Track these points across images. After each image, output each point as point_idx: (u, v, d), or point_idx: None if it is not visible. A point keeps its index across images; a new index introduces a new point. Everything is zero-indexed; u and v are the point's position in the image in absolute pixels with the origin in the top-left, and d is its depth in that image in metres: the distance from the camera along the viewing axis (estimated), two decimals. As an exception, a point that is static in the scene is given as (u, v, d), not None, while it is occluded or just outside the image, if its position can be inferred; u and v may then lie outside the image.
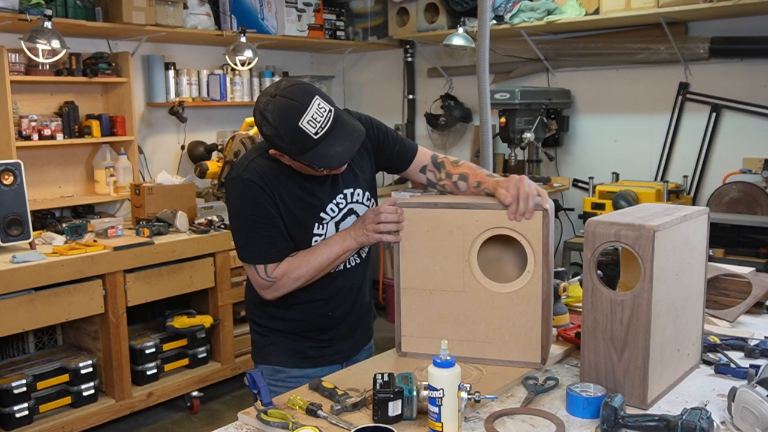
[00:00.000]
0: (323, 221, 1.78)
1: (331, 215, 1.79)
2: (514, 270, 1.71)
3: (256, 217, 1.72)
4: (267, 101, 1.60)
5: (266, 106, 1.60)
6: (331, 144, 1.61)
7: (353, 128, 1.66)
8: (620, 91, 4.53)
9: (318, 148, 1.60)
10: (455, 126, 5.22)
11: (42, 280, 3.08)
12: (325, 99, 1.62)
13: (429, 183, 1.92)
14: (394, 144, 1.90)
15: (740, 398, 1.33)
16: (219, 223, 3.88)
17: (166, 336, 3.72)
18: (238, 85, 4.95)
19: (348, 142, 1.64)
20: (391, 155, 1.90)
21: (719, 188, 4.06)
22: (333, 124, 1.61)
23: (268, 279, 1.75)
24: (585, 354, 1.51)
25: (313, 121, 1.58)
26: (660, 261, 1.41)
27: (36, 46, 3.51)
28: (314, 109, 1.58)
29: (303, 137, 1.58)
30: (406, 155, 1.91)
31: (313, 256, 1.75)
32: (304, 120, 1.57)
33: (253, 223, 1.73)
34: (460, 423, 1.33)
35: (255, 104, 1.65)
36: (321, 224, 1.78)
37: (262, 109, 1.61)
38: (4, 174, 3.15)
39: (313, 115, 1.58)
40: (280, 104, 1.58)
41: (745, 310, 2.01)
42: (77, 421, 3.31)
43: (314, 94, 1.60)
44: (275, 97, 1.59)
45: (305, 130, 1.57)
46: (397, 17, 5.09)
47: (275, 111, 1.58)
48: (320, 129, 1.59)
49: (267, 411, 1.42)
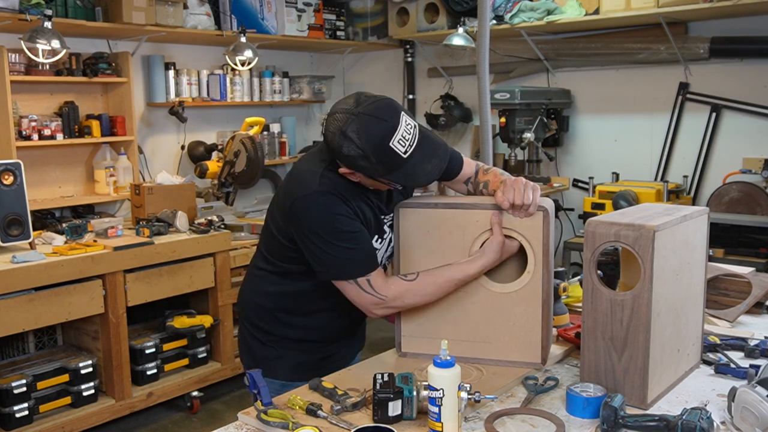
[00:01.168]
0: (384, 235, 1.75)
1: (387, 231, 1.76)
2: (514, 270, 1.71)
3: (346, 229, 1.61)
4: (348, 119, 1.49)
5: (348, 124, 1.49)
6: (419, 162, 1.54)
7: (437, 143, 1.59)
8: (620, 91, 4.53)
9: (406, 167, 1.52)
10: (455, 126, 5.21)
11: (42, 280, 3.08)
12: (408, 114, 1.54)
13: (468, 193, 1.89)
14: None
15: (740, 398, 1.33)
16: (219, 223, 3.89)
17: (166, 336, 3.72)
18: (238, 85, 4.95)
19: (436, 159, 1.57)
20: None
21: (719, 188, 4.06)
22: (420, 140, 1.53)
23: (376, 295, 1.63)
24: (585, 354, 1.51)
25: (402, 140, 1.50)
26: (660, 261, 1.41)
27: (36, 46, 3.51)
28: (403, 127, 1.50)
29: (393, 158, 1.49)
30: (453, 168, 1.85)
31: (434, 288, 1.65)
32: (394, 140, 1.48)
33: (343, 234, 1.61)
34: (460, 423, 1.33)
35: (330, 124, 1.53)
36: (382, 239, 1.74)
37: (343, 128, 1.49)
38: (4, 174, 3.15)
39: (403, 134, 1.50)
40: (366, 123, 1.48)
41: (745, 310, 2.01)
42: (77, 421, 3.31)
43: (400, 111, 1.52)
44: (359, 116, 1.48)
45: (395, 149, 1.49)
46: (397, 17, 5.09)
47: (362, 131, 1.48)
48: (409, 147, 1.51)
49: (267, 411, 1.42)
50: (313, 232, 1.62)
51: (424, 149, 1.54)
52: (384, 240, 1.76)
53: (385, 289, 1.63)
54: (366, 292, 1.63)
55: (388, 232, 1.76)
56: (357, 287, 1.63)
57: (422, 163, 1.54)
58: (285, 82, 5.34)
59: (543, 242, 1.62)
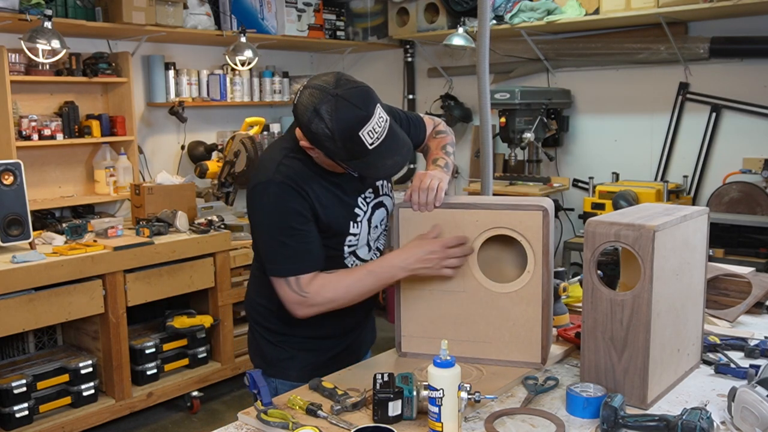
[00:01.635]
0: (357, 218, 1.72)
1: (363, 209, 1.74)
2: (514, 270, 1.71)
3: (292, 224, 1.61)
4: (324, 97, 1.48)
5: (322, 102, 1.47)
6: (382, 156, 1.53)
7: (403, 142, 1.59)
8: (620, 91, 4.53)
9: (368, 158, 1.52)
10: (455, 126, 5.21)
11: (42, 280, 3.08)
12: (383, 106, 1.55)
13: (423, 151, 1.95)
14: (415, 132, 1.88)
15: (740, 398, 1.33)
16: (219, 223, 3.89)
17: (166, 336, 3.72)
18: (238, 85, 4.95)
19: (398, 156, 1.56)
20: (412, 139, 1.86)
21: (719, 188, 4.06)
22: (387, 135, 1.53)
23: (300, 293, 1.62)
24: (585, 354, 1.51)
25: (372, 132, 1.49)
26: (660, 261, 1.41)
27: (36, 46, 3.51)
28: (376, 119, 1.50)
29: (359, 146, 1.49)
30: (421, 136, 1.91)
31: (354, 280, 1.65)
32: (365, 130, 1.48)
33: (287, 230, 1.61)
34: (460, 423, 1.33)
35: (303, 96, 1.51)
36: (356, 223, 1.72)
37: (317, 105, 1.48)
38: (4, 174, 3.15)
39: (374, 126, 1.49)
40: (341, 106, 1.47)
41: (745, 310, 2.01)
42: (77, 421, 3.31)
43: (376, 102, 1.52)
44: (336, 97, 1.47)
45: (363, 139, 1.48)
46: (397, 17, 5.09)
47: (335, 113, 1.47)
48: (376, 140, 1.50)
49: (267, 411, 1.42)
50: (262, 222, 1.64)
51: (390, 145, 1.54)
52: (359, 224, 1.72)
53: (308, 287, 1.62)
54: (292, 290, 1.62)
55: (362, 214, 1.73)
56: (285, 285, 1.63)
57: (384, 158, 1.54)
58: (285, 82, 5.34)
59: (543, 242, 1.62)
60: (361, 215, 1.73)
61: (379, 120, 1.51)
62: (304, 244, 1.62)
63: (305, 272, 1.62)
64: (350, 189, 1.71)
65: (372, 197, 1.76)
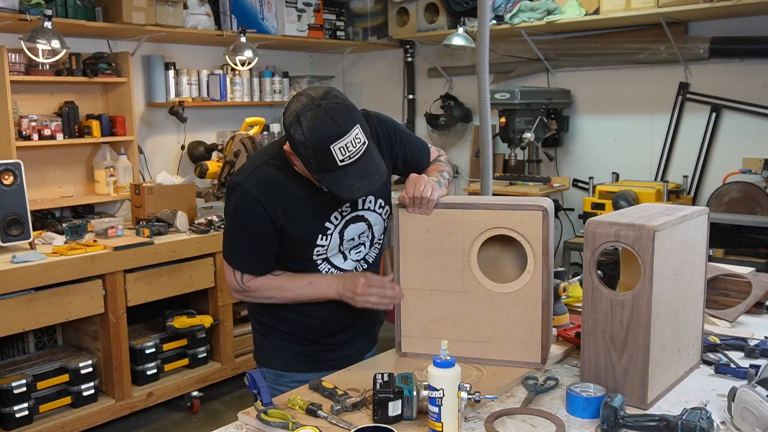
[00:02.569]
0: (327, 231, 1.75)
1: (335, 224, 1.76)
2: (514, 270, 1.71)
3: (247, 229, 1.72)
4: (308, 106, 1.53)
5: (306, 110, 1.53)
6: (351, 175, 1.55)
7: (377, 167, 1.60)
8: (620, 91, 4.53)
9: (337, 174, 1.54)
10: (455, 126, 5.21)
11: (42, 280, 3.08)
12: (363, 129, 1.56)
13: None
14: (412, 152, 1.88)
15: (740, 398, 1.33)
16: (219, 223, 3.88)
17: (166, 336, 3.72)
18: (238, 85, 4.95)
19: (367, 181, 1.58)
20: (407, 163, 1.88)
21: (719, 188, 4.06)
22: (360, 157, 1.55)
23: (241, 285, 1.77)
24: (585, 354, 1.51)
25: (344, 149, 1.52)
26: (660, 261, 1.41)
27: (36, 46, 3.51)
28: (351, 138, 1.52)
29: (328, 159, 1.52)
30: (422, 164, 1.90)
31: (294, 285, 1.77)
32: (336, 145, 1.51)
33: (242, 232, 1.73)
34: (460, 423, 1.33)
35: (293, 102, 1.57)
36: (324, 235, 1.75)
37: (300, 111, 1.53)
38: (4, 174, 3.15)
39: (347, 144, 1.52)
40: (320, 117, 1.51)
41: (745, 310, 2.01)
42: (77, 421, 3.31)
43: (356, 123, 1.54)
44: (319, 108, 1.52)
45: (333, 154, 1.51)
46: (397, 17, 5.09)
47: (313, 122, 1.51)
48: (347, 159, 1.53)
49: (267, 411, 1.42)
50: (225, 215, 1.79)
51: (362, 167, 1.56)
52: (329, 237, 1.76)
53: (249, 282, 1.78)
54: (236, 280, 1.78)
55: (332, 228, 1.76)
56: (231, 272, 1.79)
57: (352, 178, 1.56)
58: (285, 82, 5.34)
59: (543, 242, 1.62)
60: (331, 229, 1.76)
61: (354, 140, 1.53)
62: (253, 249, 1.75)
63: (248, 273, 1.77)
64: (326, 200, 1.71)
65: (348, 211, 1.77)
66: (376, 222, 1.83)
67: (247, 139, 3.93)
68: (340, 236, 1.77)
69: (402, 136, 1.86)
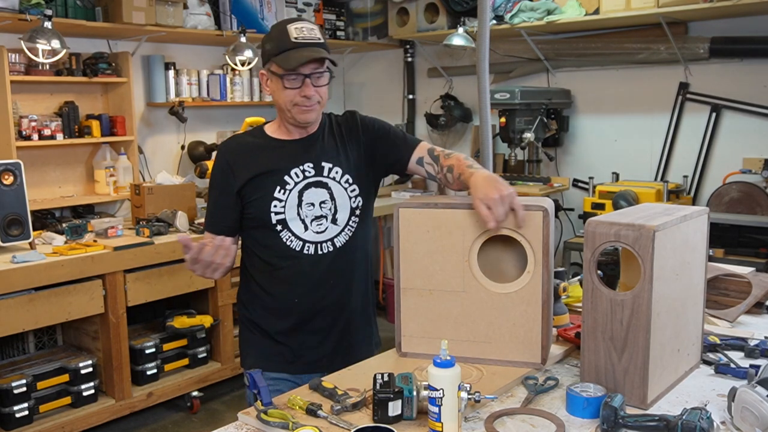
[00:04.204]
0: (286, 186, 1.82)
1: (295, 180, 1.83)
2: (514, 270, 1.71)
3: (214, 188, 1.90)
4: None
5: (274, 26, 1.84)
6: (303, 50, 1.74)
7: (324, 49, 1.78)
8: (620, 91, 4.53)
9: (291, 51, 1.74)
10: (455, 126, 5.22)
11: (42, 280, 3.08)
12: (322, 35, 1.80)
13: (429, 176, 1.91)
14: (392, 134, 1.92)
15: (740, 398, 1.33)
16: (219, 223, 3.88)
17: (166, 336, 3.72)
18: (238, 85, 4.95)
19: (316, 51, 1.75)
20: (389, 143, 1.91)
21: (719, 188, 4.06)
22: (313, 45, 1.75)
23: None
24: (585, 354, 1.51)
25: (299, 29, 1.75)
26: (660, 261, 1.41)
27: (36, 46, 3.51)
28: (306, 26, 1.76)
29: (284, 36, 1.74)
30: (406, 144, 1.92)
31: None
32: (292, 24, 1.76)
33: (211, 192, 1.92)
34: (460, 423, 1.33)
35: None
36: (283, 189, 1.82)
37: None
38: (4, 174, 3.15)
39: (302, 28, 1.76)
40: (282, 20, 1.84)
41: (745, 310, 2.01)
42: (77, 421, 3.31)
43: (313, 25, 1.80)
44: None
45: (289, 31, 1.74)
46: (397, 17, 5.09)
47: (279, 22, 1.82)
48: (300, 38, 1.74)
49: (267, 411, 1.42)
50: None
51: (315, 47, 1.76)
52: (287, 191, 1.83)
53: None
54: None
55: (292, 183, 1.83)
56: None
57: (305, 52, 1.74)
58: (285, 82, 5.34)
59: (543, 242, 1.62)
60: (291, 184, 1.83)
61: (310, 30, 1.77)
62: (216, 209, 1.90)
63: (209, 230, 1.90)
64: (288, 159, 1.85)
65: (312, 173, 1.85)
66: (340, 195, 1.86)
67: (247, 139, 3.92)
68: (299, 196, 1.83)
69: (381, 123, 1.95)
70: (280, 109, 1.84)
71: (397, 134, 1.94)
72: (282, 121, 1.89)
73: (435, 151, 1.90)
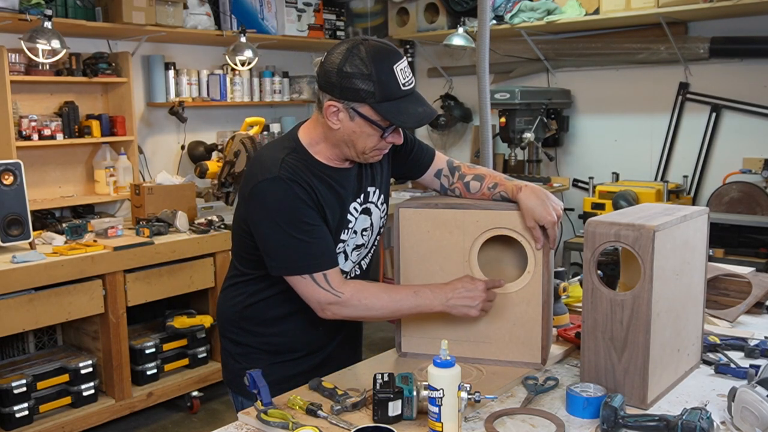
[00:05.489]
0: (348, 225, 1.66)
1: (354, 216, 1.67)
2: (514, 270, 1.71)
3: (305, 220, 1.52)
4: (355, 44, 1.49)
5: (355, 48, 1.48)
6: (413, 102, 1.53)
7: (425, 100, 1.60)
8: (620, 91, 4.53)
9: (400, 102, 1.50)
10: (455, 126, 5.22)
11: (42, 280, 3.08)
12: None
13: (441, 188, 1.82)
14: (412, 147, 1.80)
15: (740, 398, 1.33)
16: (219, 223, 3.88)
17: (166, 336, 3.71)
18: (238, 85, 4.95)
19: (427, 107, 1.55)
20: (408, 159, 1.80)
21: (719, 188, 4.06)
22: (415, 86, 1.56)
23: (333, 292, 1.53)
24: (585, 354, 1.51)
25: (404, 72, 1.50)
26: (660, 261, 1.41)
27: (36, 46, 3.51)
28: (405, 63, 1.52)
29: (393, 82, 1.48)
30: (424, 159, 1.81)
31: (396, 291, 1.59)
32: (398, 66, 1.49)
33: (302, 224, 1.52)
34: (460, 423, 1.33)
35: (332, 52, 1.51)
36: (347, 229, 1.65)
37: (349, 49, 1.48)
38: (4, 174, 3.15)
39: (404, 68, 1.51)
40: (375, 47, 1.48)
41: (745, 310, 2.01)
42: (77, 421, 3.31)
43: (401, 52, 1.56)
44: (366, 41, 1.49)
45: (396, 75, 1.49)
46: (397, 17, 5.09)
47: (370, 51, 1.47)
48: (408, 83, 1.51)
49: (267, 411, 1.42)
50: (271, 219, 1.53)
51: (418, 96, 1.57)
52: (349, 230, 1.66)
53: (342, 287, 1.54)
54: (322, 288, 1.53)
55: (354, 221, 1.67)
56: (312, 282, 1.53)
57: (415, 105, 1.53)
58: (285, 82, 5.34)
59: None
60: (352, 222, 1.67)
61: (407, 67, 1.53)
62: (321, 238, 1.55)
63: (330, 268, 1.54)
64: (348, 193, 1.65)
65: (361, 201, 1.70)
66: (377, 220, 1.76)
67: (247, 139, 3.93)
68: (355, 231, 1.69)
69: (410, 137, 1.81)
70: (350, 147, 1.57)
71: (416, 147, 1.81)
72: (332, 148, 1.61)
73: (454, 163, 1.82)
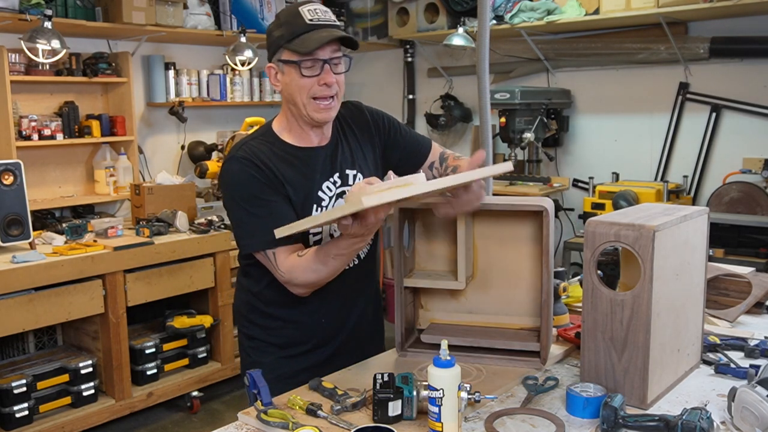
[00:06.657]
0: (321, 203, 1.68)
1: (328, 195, 1.69)
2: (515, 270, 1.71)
3: (261, 195, 1.59)
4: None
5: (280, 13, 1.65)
6: (318, 31, 1.58)
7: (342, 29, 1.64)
8: (620, 91, 4.53)
9: (308, 35, 1.57)
10: (455, 126, 5.21)
11: (42, 280, 3.08)
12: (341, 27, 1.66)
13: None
14: (406, 139, 1.82)
15: (740, 398, 1.33)
16: (219, 223, 3.88)
17: (166, 336, 3.72)
18: (238, 85, 4.96)
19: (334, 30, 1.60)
20: (405, 151, 1.82)
21: (719, 188, 4.06)
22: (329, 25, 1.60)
23: (279, 271, 1.60)
24: (585, 354, 1.51)
25: (312, 11, 1.59)
26: (660, 261, 1.41)
27: (36, 46, 3.51)
28: (320, 7, 1.60)
29: (299, 20, 1.58)
30: (420, 150, 1.83)
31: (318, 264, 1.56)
32: (305, 7, 1.59)
33: (256, 200, 1.59)
34: (460, 423, 1.33)
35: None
36: (320, 207, 1.68)
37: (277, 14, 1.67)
38: (4, 174, 3.15)
39: (313, 9, 1.60)
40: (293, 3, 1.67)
41: (745, 310, 2.01)
42: (77, 421, 3.31)
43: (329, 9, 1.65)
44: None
45: (303, 13, 1.58)
46: (397, 17, 5.09)
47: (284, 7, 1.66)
48: (315, 19, 1.59)
49: (267, 411, 1.42)
50: (230, 196, 1.64)
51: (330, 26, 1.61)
52: (322, 207, 1.69)
53: (283, 266, 1.59)
54: (274, 266, 1.61)
55: (327, 200, 1.69)
56: (267, 260, 1.61)
57: (320, 31, 1.58)
58: (285, 82, 5.34)
59: (543, 242, 1.62)
60: (325, 200, 1.68)
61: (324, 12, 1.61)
62: (275, 216, 1.58)
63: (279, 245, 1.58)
64: (317, 172, 1.68)
65: (339, 183, 1.72)
66: None
67: (247, 139, 3.93)
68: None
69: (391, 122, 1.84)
70: (295, 105, 1.64)
71: (410, 138, 1.83)
72: (295, 123, 1.69)
73: (445, 154, 1.84)
